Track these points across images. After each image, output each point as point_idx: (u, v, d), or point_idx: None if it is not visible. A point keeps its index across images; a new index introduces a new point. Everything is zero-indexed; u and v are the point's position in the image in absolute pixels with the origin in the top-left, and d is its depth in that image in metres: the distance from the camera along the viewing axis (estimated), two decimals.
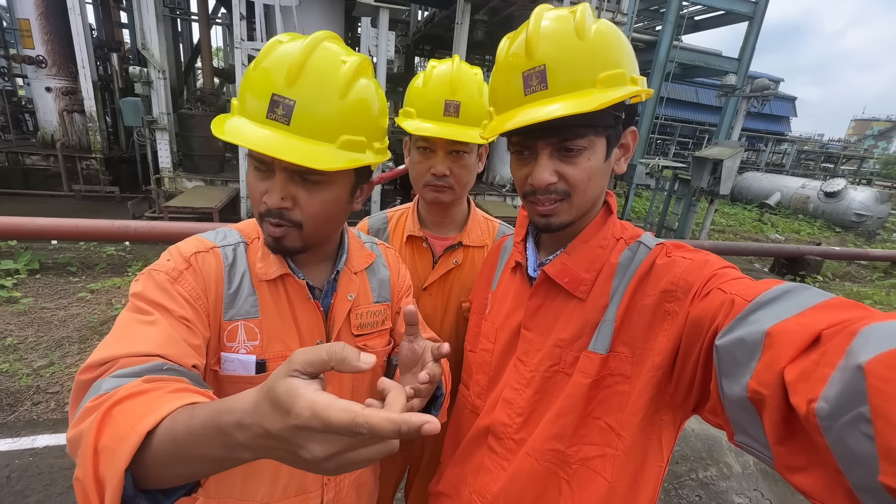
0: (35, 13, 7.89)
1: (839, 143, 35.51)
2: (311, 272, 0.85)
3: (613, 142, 0.72)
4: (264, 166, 0.70)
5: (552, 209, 0.73)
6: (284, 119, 0.65)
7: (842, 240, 12.00)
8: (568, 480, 0.75)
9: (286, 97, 0.65)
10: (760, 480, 2.72)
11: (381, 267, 0.97)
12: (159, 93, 7.40)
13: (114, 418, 0.45)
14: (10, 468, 2.23)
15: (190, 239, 0.78)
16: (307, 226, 0.72)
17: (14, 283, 4.23)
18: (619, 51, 0.68)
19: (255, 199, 0.72)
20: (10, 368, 3.01)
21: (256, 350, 0.76)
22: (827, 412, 0.39)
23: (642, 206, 13.00)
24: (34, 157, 8.30)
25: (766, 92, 8.73)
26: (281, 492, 0.81)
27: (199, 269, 0.73)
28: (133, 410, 0.45)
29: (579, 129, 0.68)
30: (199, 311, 0.70)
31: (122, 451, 0.41)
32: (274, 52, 0.67)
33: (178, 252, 0.74)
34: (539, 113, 0.65)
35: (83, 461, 0.43)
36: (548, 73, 0.66)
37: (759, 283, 0.57)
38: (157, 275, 0.68)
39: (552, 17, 0.68)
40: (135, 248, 5.45)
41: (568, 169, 0.70)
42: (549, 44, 0.66)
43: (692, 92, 25.80)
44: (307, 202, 0.71)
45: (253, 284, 0.77)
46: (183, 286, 0.69)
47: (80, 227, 4.54)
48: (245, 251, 0.80)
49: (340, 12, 8.43)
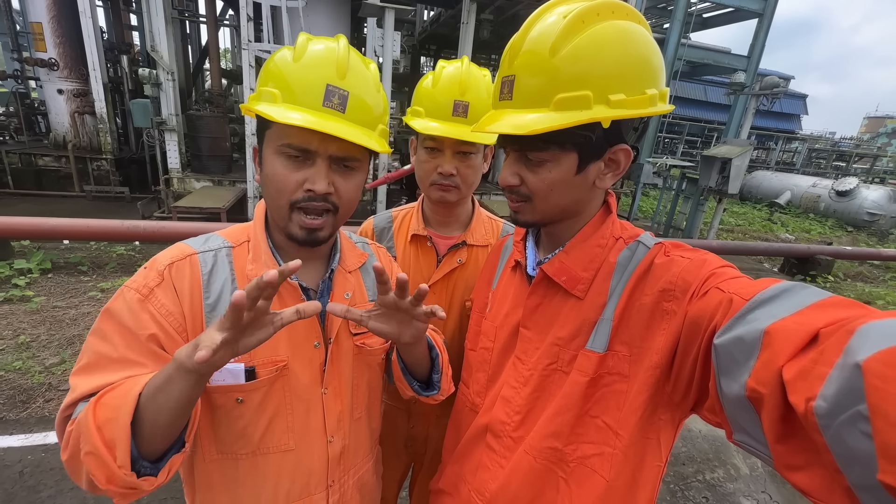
0: (47, 17, 8.02)
1: (851, 141, 34.98)
2: (305, 273, 0.83)
3: (590, 157, 0.70)
4: (303, 155, 0.71)
5: (517, 207, 0.78)
6: (340, 107, 0.70)
7: (854, 239, 11.82)
8: (566, 479, 0.75)
9: (341, 88, 0.70)
10: (769, 483, 2.69)
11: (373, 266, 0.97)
12: (168, 94, 7.49)
13: (102, 404, 0.58)
14: (23, 463, 2.27)
15: (172, 246, 0.77)
16: (342, 209, 0.77)
17: (27, 282, 4.31)
18: (595, 70, 0.63)
19: (289, 189, 0.71)
20: (23, 366, 3.07)
21: (244, 357, 0.72)
22: (825, 410, 0.39)
23: (650, 205, 12.90)
24: (46, 159, 8.45)
25: (775, 90, 8.62)
26: (284, 497, 0.81)
27: (172, 281, 0.71)
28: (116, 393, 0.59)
29: (541, 142, 0.68)
30: (168, 330, 0.69)
31: (123, 414, 0.55)
32: (309, 48, 0.72)
33: (154, 265, 0.73)
34: (495, 124, 0.69)
35: (89, 439, 0.55)
36: (515, 84, 0.68)
37: (757, 282, 0.57)
38: (128, 293, 0.69)
39: (545, 23, 0.66)
40: (144, 247, 5.54)
41: (529, 175, 0.73)
42: (524, 55, 0.67)
43: (701, 90, 25.55)
44: (344, 187, 0.75)
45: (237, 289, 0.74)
46: (153, 305, 0.69)
47: (91, 227, 4.61)
48: (228, 256, 0.78)
49: (346, 13, 8.47)
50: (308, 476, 0.82)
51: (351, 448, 0.89)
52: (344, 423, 0.86)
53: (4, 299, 3.96)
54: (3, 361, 3.11)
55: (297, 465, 0.81)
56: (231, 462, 0.77)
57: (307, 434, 0.81)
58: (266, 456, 0.78)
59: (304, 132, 0.67)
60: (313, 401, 0.81)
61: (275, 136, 0.71)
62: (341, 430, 0.86)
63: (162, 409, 0.57)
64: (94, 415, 0.57)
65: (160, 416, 0.57)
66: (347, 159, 0.74)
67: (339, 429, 0.86)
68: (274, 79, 0.71)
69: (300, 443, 0.80)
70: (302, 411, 0.80)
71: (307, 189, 0.71)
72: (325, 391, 0.83)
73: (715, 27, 11.94)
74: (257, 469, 0.78)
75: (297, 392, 0.79)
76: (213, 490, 0.79)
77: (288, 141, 0.69)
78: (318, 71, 0.70)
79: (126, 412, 0.55)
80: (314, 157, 0.71)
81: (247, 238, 0.81)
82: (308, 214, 0.73)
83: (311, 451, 0.82)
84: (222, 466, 0.78)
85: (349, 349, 0.86)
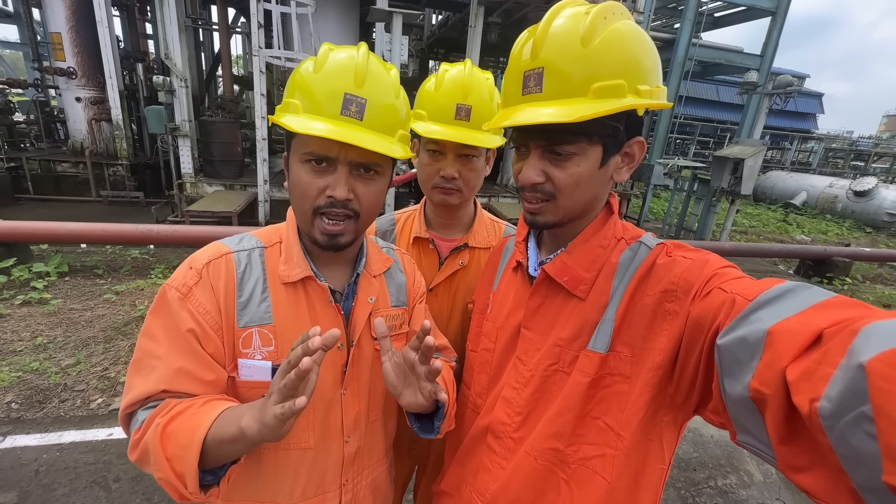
0: (66, 27, 8.26)
1: (870, 140, 34.18)
2: (332, 275, 0.86)
3: (612, 150, 0.71)
4: (325, 162, 0.73)
5: (538, 208, 0.74)
6: (358, 115, 0.72)
7: (873, 240, 11.54)
8: (567, 480, 0.74)
9: (358, 96, 0.72)
10: (783, 490, 2.63)
11: (397, 272, 0.99)
12: (181, 101, 7.64)
13: (170, 438, 0.64)
14: (39, 462, 2.32)
15: (209, 245, 0.81)
16: (364, 215, 0.78)
17: (45, 285, 4.41)
18: (625, 60, 0.65)
19: (312, 195, 0.74)
20: (39, 367, 3.15)
21: (272, 355, 0.77)
22: (829, 411, 0.38)
23: (660, 206, 12.76)
24: (65, 165, 8.66)
25: (789, 89, 8.48)
26: (300, 493, 0.83)
27: (210, 279, 0.75)
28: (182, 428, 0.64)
29: (569, 135, 0.67)
30: (205, 327, 0.73)
31: (191, 455, 0.62)
32: (330, 58, 0.74)
33: (193, 263, 0.77)
34: (524, 116, 0.66)
35: (161, 467, 0.64)
36: (544, 76, 0.66)
37: (760, 282, 0.56)
38: (170, 291, 0.73)
39: (564, 19, 0.67)
40: (158, 251, 5.62)
41: (555, 171, 0.71)
42: (551, 46, 0.66)
43: (713, 90, 25.23)
44: (365, 193, 0.77)
45: (267, 290, 0.78)
46: (192, 303, 0.73)
47: (107, 231, 4.72)
48: (261, 256, 0.81)
49: (355, 18, 8.57)
50: (323, 474, 0.84)
51: (365, 449, 0.90)
52: (360, 425, 0.88)
53: (23, 302, 4.06)
54: (21, 362, 3.19)
55: (315, 463, 0.83)
56: (255, 456, 0.80)
57: (326, 433, 0.84)
58: (287, 452, 0.81)
59: (325, 140, 0.70)
60: (333, 401, 0.84)
61: (298, 145, 0.74)
62: (357, 431, 0.88)
63: (226, 455, 0.66)
64: (163, 447, 0.64)
65: (223, 458, 0.67)
66: (368, 165, 0.75)
67: (356, 430, 0.87)
68: (298, 89, 0.73)
69: (319, 441, 0.83)
70: (322, 410, 0.83)
71: (328, 195, 0.73)
72: (345, 392, 0.85)
73: (727, 26, 11.79)
74: (278, 464, 0.81)
75: (318, 391, 0.81)
76: (236, 482, 0.82)
77: (310, 149, 0.72)
78: (337, 80, 0.72)
79: (193, 454, 0.62)
80: (335, 164, 0.73)
81: (279, 239, 0.83)
82: (330, 219, 0.75)
83: (329, 449, 0.84)
84: (246, 460, 0.80)
85: (370, 353, 0.88)
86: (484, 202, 8.52)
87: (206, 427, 0.63)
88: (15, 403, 2.78)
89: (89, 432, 2.57)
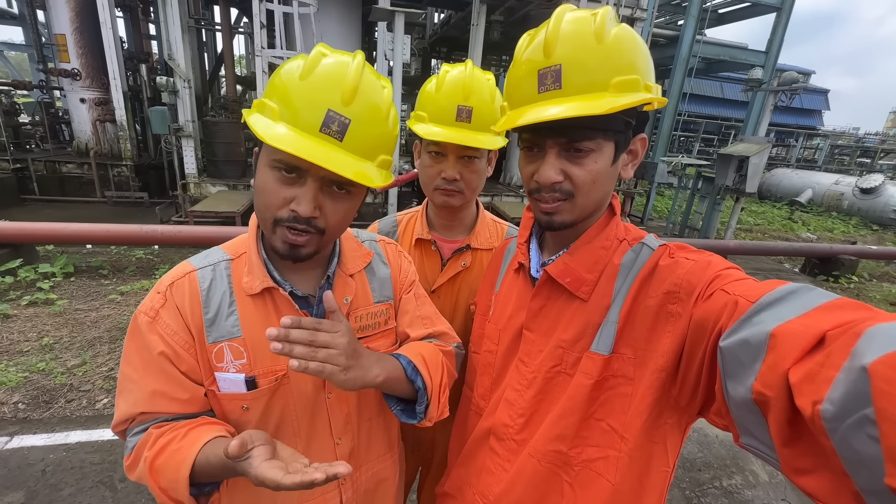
0: (70, 28, 8.31)
1: (877, 137, 33.84)
2: (302, 280, 0.82)
3: (622, 147, 0.72)
4: (295, 174, 0.68)
5: (555, 207, 0.73)
6: (338, 135, 0.67)
7: (880, 238, 11.44)
8: (570, 482, 0.74)
9: (342, 115, 0.67)
10: (789, 490, 2.61)
11: (380, 265, 0.95)
12: (185, 101, 7.67)
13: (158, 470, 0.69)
14: (45, 462, 2.34)
15: (177, 266, 0.81)
16: (329, 232, 0.73)
17: (51, 285, 4.45)
18: (636, 57, 0.67)
19: (275, 205, 0.69)
20: (46, 367, 3.17)
21: (245, 368, 0.76)
22: (832, 414, 0.38)
23: (664, 205, 12.70)
24: (70, 166, 8.73)
25: (794, 85, 8.40)
26: (298, 495, 0.82)
27: (174, 300, 0.75)
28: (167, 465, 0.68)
29: (589, 131, 0.67)
30: (175, 348, 0.74)
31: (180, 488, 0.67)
32: (321, 65, 0.68)
33: (159, 287, 0.77)
34: (550, 111, 0.65)
35: (157, 495, 0.68)
36: (563, 73, 0.66)
37: (762, 283, 0.56)
38: (140, 317, 0.75)
39: (573, 19, 0.68)
40: (162, 251, 5.66)
41: (574, 169, 0.70)
42: (566, 44, 0.66)
43: (717, 87, 25.07)
44: (332, 210, 0.72)
45: (234, 303, 0.77)
46: (160, 326, 0.74)
47: (112, 232, 4.76)
48: (227, 269, 0.79)
49: (357, 18, 8.57)
50: None
51: (362, 447, 0.90)
52: (352, 426, 0.87)
53: (30, 302, 4.10)
54: (28, 363, 3.21)
55: None
56: None
57: (314, 438, 0.83)
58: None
59: None
60: (318, 406, 0.83)
61: (269, 148, 0.69)
62: (349, 432, 0.87)
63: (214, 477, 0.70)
64: (154, 480, 0.68)
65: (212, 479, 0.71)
66: (341, 183, 0.71)
67: (347, 431, 0.87)
68: (278, 93, 0.68)
69: (306, 447, 0.82)
70: (307, 416, 0.82)
71: (292, 210, 0.69)
72: (329, 396, 0.84)
73: (731, 22, 11.72)
74: None
75: (301, 398, 0.81)
76: (235, 489, 0.82)
77: (280, 157, 0.67)
78: (322, 94, 0.66)
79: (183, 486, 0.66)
80: (305, 176, 0.68)
81: (244, 250, 0.81)
82: (292, 232, 0.71)
83: (321, 452, 0.84)
84: None
85: None
86: (487, 201, 8.51)
87: (189, 463, 0.67)
88: (22, 403, 2.81)
89: (95, 432, 2.59)
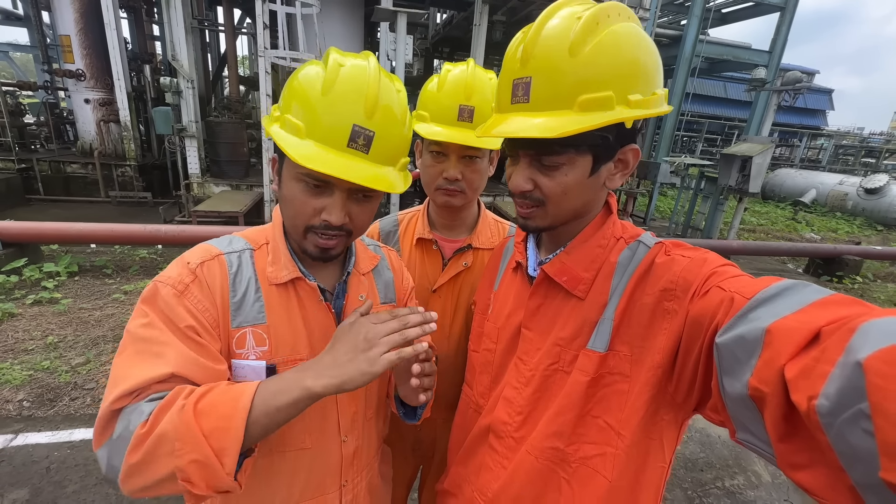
0: (75, 29, 8.37)
1: (881, 137, 33.61)
2: (322, 275, 0.86)
3: (603, 159, 0.70)
4: (323, 184, 0.71)
5: (528, 213, 0.75)
6: (364, 148, 0.70)
7: (884, 239, 11.37)
8: (568, 479, 0.74)
9: (367, 128, 0.69)
10: (792, 491, 2.60)
11: (385, 269, 0.99)
12: (188, 101, 7.71)
13: (204, 413, 0.58)
14: (50, 460, 2.36)
15: (197, 247, 0.79)
16: (355, 233, 0.79)
17: (55, 284, 4.48)
18: (618, 67, 0.63)
19: (307, 214, 0.73)
20: (50, 365, 3.20)
21: (266, 355, 0.76)
22: (827, 409, 0.39)
23: (667, 205, 12.67)
24: (74, 166, 8.79)
25: (798, 85, 8.36)
26: (298, 495, 0.83)
27: (205, 279, 0.73)
28: (219, 400, 0.59)
29: (557, 146, 0.67)
30: (203, 323, 0.71)
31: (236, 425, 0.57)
32: (340, 77, 0.69)
33: (185, 263, 0.74)
34: (511, 127, 0.67)
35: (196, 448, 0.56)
36: (532, 86, 0.65)
37: (758, 280, 0.56)
38: (163, 287, 0.69)
39: (556, 23, 0.65)
40: (166, 250, 5.70)
41: (543, 180, 0.70)
42: (539, 56, 0.65)
43: (720, 87, 24.98)
44: (359, 214, 0.77)
45: (259, 290, 0.78)
46: (189, 300, 0.70)
47: (116, 232, 4.79)
48: (251, 257, 0.81)
49: (360, 18, 8.59)
50: (323, 475, 0.84)
51: (363, 448, 0.91)
52: (357, 424, 0.88)
53: (34, 301, 4.13)
54: (32, 361, 3.24)
55: (313, 464, 0.83)
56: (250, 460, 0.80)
57: (323, 434, 0.84)
58: (283, 454, 0.80)
59: None
60: (329, 401, 0.83)
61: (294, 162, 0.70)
62: (355, 430, 0.88)
63: (276, 422, 0.62)
64: (199, 423, 0.56)
65: (269, 429, 0.62)
66: (368, 192, 0.75)
67: (353, 429, 0.87)
68: (301, 107, 0.69)
69: (316, 442, 0.83)
70: (318, 411, 0.82)
71: (324, 219, 0.72)
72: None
73: (734, 22, 11.66)
74: (273, 466, 0.80)
75: None
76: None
77: (307, 171, 0.69)
78: (346, 108, 0.68)
79: (239, 423, 0.57)
80: (332, 188, 0.72)
81: (265, 241, 0.83)
82: (323, 237, 0.75)
83: (327, 450, 0.84)
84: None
85: None
86: (489, 201, 8.50)
87: (250, 394, 0.60)
88: (26, 402, 2.83)
89: None
